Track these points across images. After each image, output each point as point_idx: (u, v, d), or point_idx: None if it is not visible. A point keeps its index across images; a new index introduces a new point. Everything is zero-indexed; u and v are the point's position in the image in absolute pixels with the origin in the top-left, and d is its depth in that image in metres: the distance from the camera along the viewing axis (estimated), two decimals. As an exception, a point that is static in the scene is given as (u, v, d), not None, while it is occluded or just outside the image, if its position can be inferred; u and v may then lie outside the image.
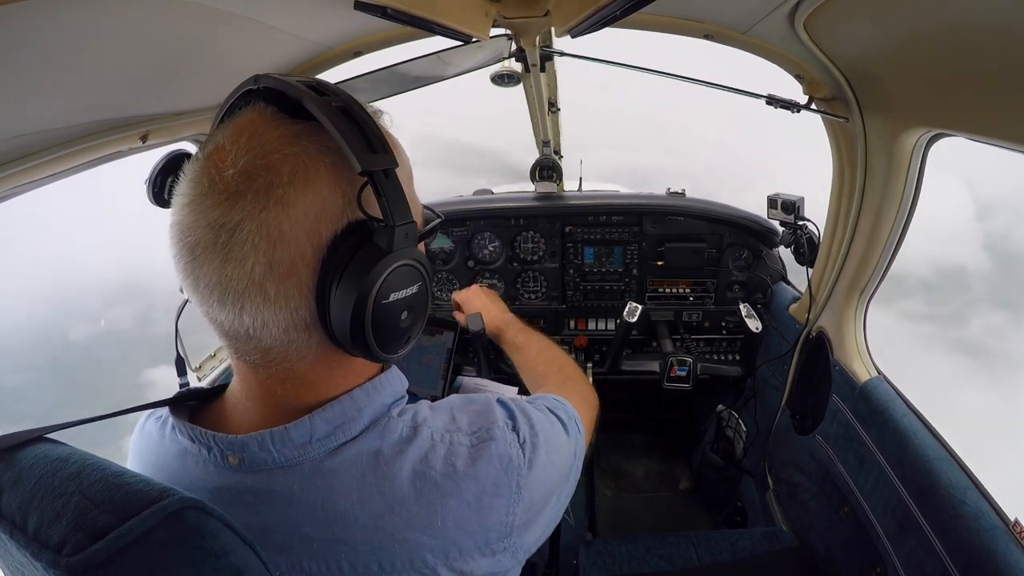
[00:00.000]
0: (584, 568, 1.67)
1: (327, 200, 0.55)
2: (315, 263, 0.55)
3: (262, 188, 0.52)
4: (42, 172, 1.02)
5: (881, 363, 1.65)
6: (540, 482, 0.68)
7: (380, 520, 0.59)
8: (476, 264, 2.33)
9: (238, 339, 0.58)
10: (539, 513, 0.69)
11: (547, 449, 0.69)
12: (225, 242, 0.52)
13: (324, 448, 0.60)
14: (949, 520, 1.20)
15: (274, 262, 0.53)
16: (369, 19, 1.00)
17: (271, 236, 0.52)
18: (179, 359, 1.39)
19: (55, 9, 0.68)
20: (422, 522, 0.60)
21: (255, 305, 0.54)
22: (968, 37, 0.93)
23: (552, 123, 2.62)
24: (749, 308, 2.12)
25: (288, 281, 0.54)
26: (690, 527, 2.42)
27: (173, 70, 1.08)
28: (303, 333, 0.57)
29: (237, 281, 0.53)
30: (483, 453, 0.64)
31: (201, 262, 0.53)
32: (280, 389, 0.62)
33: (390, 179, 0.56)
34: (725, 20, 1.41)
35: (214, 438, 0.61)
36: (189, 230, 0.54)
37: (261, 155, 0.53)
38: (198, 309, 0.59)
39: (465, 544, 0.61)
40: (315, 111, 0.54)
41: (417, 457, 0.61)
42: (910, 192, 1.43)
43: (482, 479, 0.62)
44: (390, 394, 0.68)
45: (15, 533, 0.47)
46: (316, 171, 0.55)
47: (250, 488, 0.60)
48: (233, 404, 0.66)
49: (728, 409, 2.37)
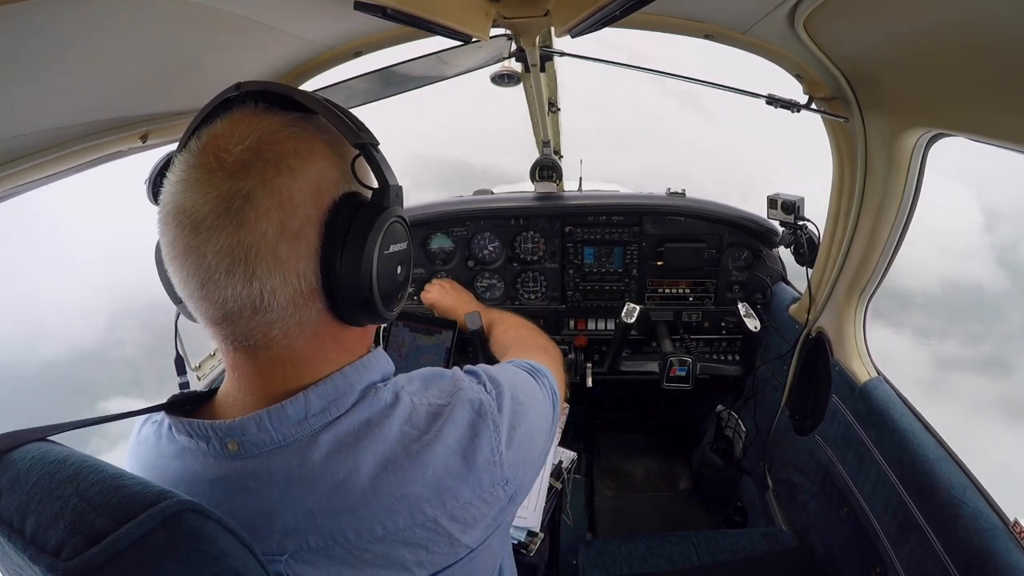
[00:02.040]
0: (584, 568, 1.67)
1: (326, 172, 0.61)
2: (319, 226, 0.59)
3: (271, 159, 0.57)
4: (42, 172, 1.02)
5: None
6: (515, 418, 0.72)
7: (376, 481, 0.61)
8: (476, 264, 2.33)
9: (240, 317, 0.59)
10: (524, 451, 0.73)
11: (513, 391, 0.75)
12: (239, 207, 0.55)
13: (319, 423, 0.63)
14: (949, 520, 1.20)
15: (285, 224, 0.57)
16: (369, 19, 1.00)
17: (282, 200, 0.57)
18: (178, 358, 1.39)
19: (55, 9, 0.68)
20: (414, 474, 0.62)
21: (266, 268, 0.57)
22: (968, 37, 0.93)
23: (552, 123, 2.62)
24: (748, 307, 2.12)
25: (297, 243, 0.58)
26: (690, 527, 2.42)
27: (173, 70, 1.07)
28: (307, 301, 0.61)
29: (250, 244, 0.56)
30: (456, 404, 0.68)
31: (209, 234, 0.55)
32: (280, 372, 0.63)
33: (377, 152, 0.64)
34: (725, 20, 1.41)
35: (211, 427, 0.62)
36: (192, 209, 0.56)
37: (264, 135, 0.58)
38: (193, 296, 0.59)
39: (460, 490, 0.64)
40: (306, 101, 0.62)
41: (403, 418, 0.65)
42: (910, 192, 1.43)
43: (460, 423, 0.67)
44: (378, 372, 0.71)
45: (13, 536, 0.47)
46: (315, 147, 0.61)
47: (251, 473, 0.61)
48: (225, 401, 0.67)
49: (728, 409, 2.37)
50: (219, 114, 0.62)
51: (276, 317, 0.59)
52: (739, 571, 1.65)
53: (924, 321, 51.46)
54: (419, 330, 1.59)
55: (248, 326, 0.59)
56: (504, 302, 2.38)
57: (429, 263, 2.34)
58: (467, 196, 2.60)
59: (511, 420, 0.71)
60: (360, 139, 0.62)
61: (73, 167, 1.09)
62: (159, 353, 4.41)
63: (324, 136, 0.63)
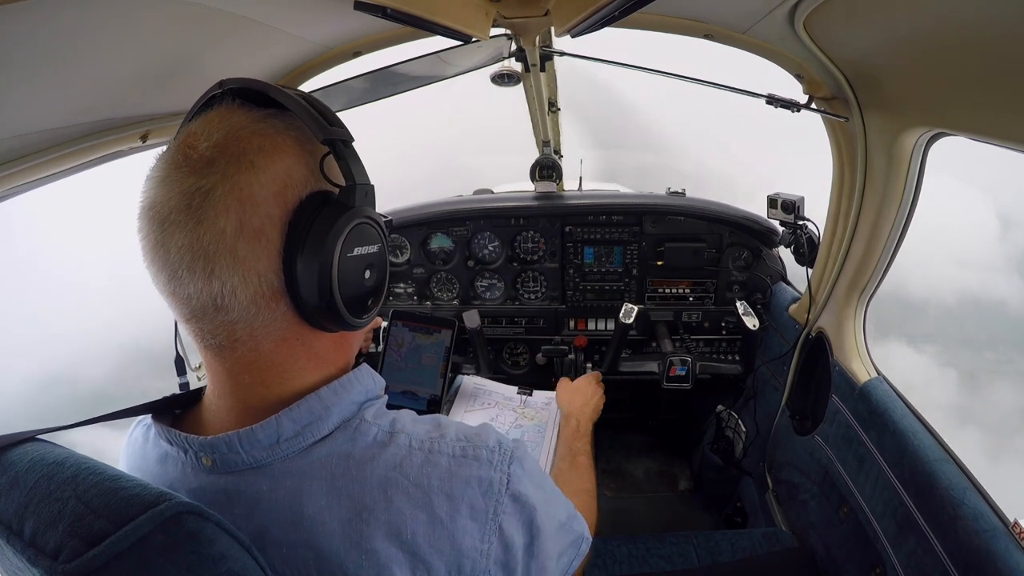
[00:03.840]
0: (584, 568, 1.67)
1: (292, 169, 0.59)
2: (282, 225, 0.57)
3: (234, 155, 0.56)
4: (42, 172, 1.02)
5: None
6: (520, 521, 0.65)
7: (347, 526, 0.58)
8: (476, 264, 2.33)
9: (205, 315, 0.57)
10: (520, 568, 0.65)
11: (536, 490, 0.67)
12: (199, 204, 0.54)
13: (293, 448, 0.60)
14: (949, 521, 1.19)
15: (244, 222, 0.55)
16: (369, 19, 0.99)
17: (242, 197, 0.55)
18: (178, 358, 1.40)
19: (55, 9, 0.67)
20: (390, 532, 0.58)
21: (225, 267, 0.55)
22: (968, 37, 0.92)
23: (552, 123, 2.61)
24: (746, 305, 2.12)
25: (257, 242, 0.56)
26: (690, 527, 2.42)
27: (173, 70, 1.07)
28: (270, 302, 0.58)
29: (208, 242, 0.54)
30: (462, 470, 0.62)
31: (173, 230, 0.54)
32: (247, 377, 0.61)
33: (348, 148, 0.61)
34: (725, 20, 1.41)
35: (187, 440, 0.61)
36: (161, 204, 0.55)
37: (232, 132, 0.57)
38: (164, 292, 0.58)
39: (436, 566, 0.59)
40: (278, 96, 0.60)
41: (391, 463, 0.60)
42: (910, 192, 1.43)
43: (457, 498, 0.61)
44: (360, 392, 0.66)
45: (12, 538, 0.46)
46: (283, 143, 0.59)
47: (222, 489, 0.60)
48: (208, 406, 0.66)
49: (728, 409, 2.37)
50: (204, 112, 0.61)
51: (238, 317, 0.57)
52: (739, 572, 1.65)
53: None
54: (418, 329, 1.59)
55: (213, 324, 0.58)
56: (504, 302, 2.38)
57: (429, 263, 2.34)
58: (467, 196, 2.60)
59: (515, 519, 0.64)
60: (328, 135, 0.59)
61: (73, 167, 1.09)
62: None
63: (294, 133, 0.61)
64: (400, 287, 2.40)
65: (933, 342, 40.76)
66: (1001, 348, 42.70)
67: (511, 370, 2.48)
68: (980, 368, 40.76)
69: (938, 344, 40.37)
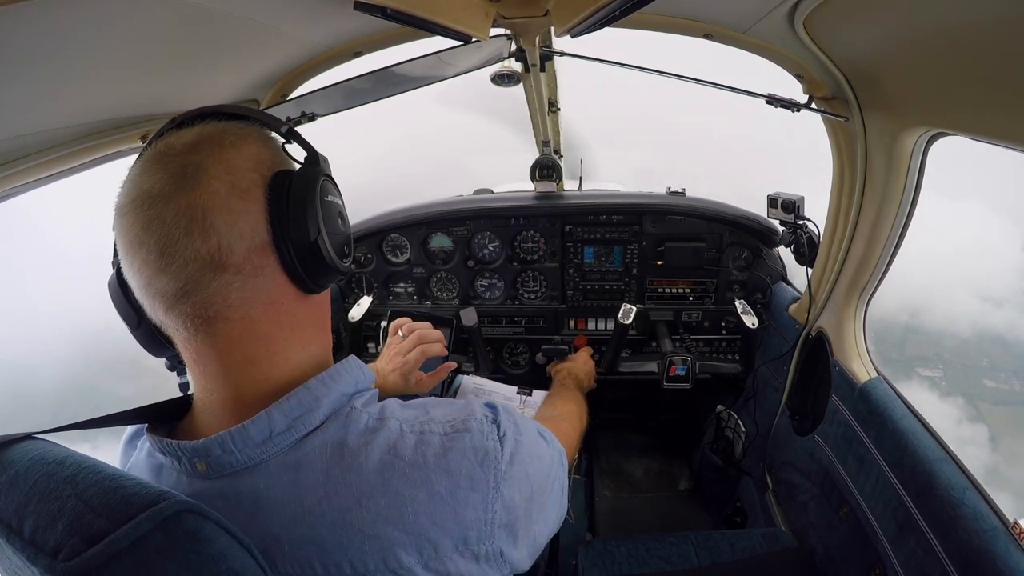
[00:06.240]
0: (584, 568, 1.67)
1: (261, 152, 0.66)
2: (264, 188, 0.64)
3: (215, 141, 0.63)
4: (42, 172, 1.02)
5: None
6: (521, 481, 0.67)
7: (347, 515, 0.58)
8: (476, 264, 2.33)
9: (200, 282, 0.59)
10: (523, 520, 0.67)
11: (529, 451, 0.70)
12: (193, 174, 0.59)
13: (286, 442, 0.61)
14: (948, 521, 1.19)
15: (235, 183, 0.61)
16: (369, 19, 0.99)
17: (229, 167, 0.62)
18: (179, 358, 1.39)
19: (55, 9, 0.67)
20: (391, 515, 0.59)
21: (223, 221, 0.59)
22: (968, 37, 0.92)
23: (552, 123, 2.61)
24: (745, 304, 2.12)
25: (248, 198, 0.62)
26: (690, 527, 2.42)
27: (173, 70, 1.07)
28: (262, 258, 0.62)
29: (205, 201, 0.59)
30: (456, 444, 0.64)
31: (167, 201, 0.58)
32: (239, 354, 0.63)
33: (297, 133, 0.71)
34: (725, 20, 1.41)
35: (179, 447, 0.62)
36: (149, 188, 0.59)
37: (204, 132, 0.64)
38: (148, 283, 0.60)
39: (441, 542, 0.60)
40: (231, 110, 0.69)
41: (385, 447, 0.62)
42: (910, 192, 1.43)
43: (455, 471, 0.62)
44: (350, 384, 0.68)
45: (11, 536, 0.47)
46: (249, 134, 0.67)
47: (219, 493, 0.60)
48: (200, 409, 0.67)
49: (727, 409, 2.37)
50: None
51: (233, 277, 0.60)
52: (738, 572, 1.65)
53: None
54: None
55: (208, 292, 0.59)
56: (504, 302, 2.38)
57: (429, 262, 2.34)
58: (467, 195, 2.60)
59: (516, 480, 0.66)
60: (284, 126, 0.70)
61: (73, 167, 1.09)
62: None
63: (257, 131, 0.68)
64: (400, 287, 2.40)
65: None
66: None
67: (511, 370, 2.48)
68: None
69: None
